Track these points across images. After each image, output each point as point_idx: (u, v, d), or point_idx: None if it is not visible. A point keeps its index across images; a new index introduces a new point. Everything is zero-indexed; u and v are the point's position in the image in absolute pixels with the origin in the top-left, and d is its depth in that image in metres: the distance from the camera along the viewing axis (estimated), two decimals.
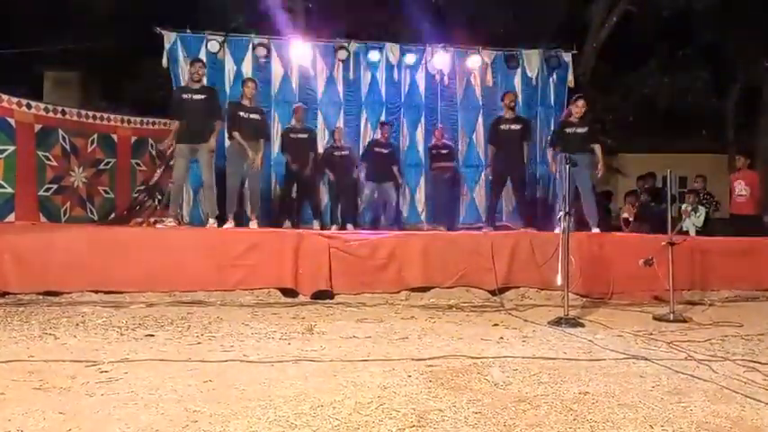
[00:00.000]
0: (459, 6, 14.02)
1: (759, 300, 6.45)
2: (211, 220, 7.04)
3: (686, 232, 8.84)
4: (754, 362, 3.53)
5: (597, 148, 7.47)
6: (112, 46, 13.43)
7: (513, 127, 8.21)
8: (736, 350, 3.91)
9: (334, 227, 8.55)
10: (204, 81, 7.37)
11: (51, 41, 13.30)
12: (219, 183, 7.30)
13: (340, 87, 10.12)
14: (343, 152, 9.16)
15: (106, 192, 9.54)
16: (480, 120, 10.48)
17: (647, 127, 16.93)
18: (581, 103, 7.56)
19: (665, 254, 5.28)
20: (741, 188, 9.53)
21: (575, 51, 10.59)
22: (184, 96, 7.06)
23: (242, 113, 7.43)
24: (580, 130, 7.49)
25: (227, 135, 7.67)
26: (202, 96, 7.03)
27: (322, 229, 8.13)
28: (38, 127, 8.63)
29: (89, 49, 13.47)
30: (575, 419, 2.46)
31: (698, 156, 16.60)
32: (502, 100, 8.57)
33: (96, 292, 5.57)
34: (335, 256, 6.03)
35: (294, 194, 8.89)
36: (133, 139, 9.83)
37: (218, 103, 7.30)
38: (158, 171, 9.79)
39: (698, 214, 9.66)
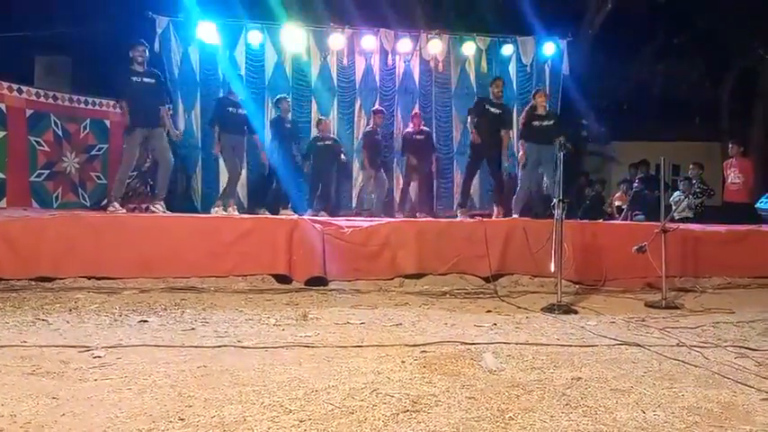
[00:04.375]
0: None
1: (750, 287, 6.48)
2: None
3: (679, 221, 8.88)
4: (745, 348, 3.55)
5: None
6: (104, 31, 13.28)
7: (495, 111, 8.20)
8: (728, 336, 3.94)
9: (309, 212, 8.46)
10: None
11: (41, 26, 13.14)
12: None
13: (333, 74, 10.07)
14: (326, 142, 9.07)
15: (98, 177, 9.50)
16: None
17: (641, 115, 16.92)
18: (544, 95, 7.85)
19: (658, 241, 5.30)
20: (735, 176, 9.55)
21: (570, 38, 10.56)
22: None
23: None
24: (546, 123, 7.67)
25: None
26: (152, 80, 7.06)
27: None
28: (29, 112, 8.58)
29: (80, 33, 13.31)
30: (567, 404, 2.48)
31: (692, 144, 16.62)
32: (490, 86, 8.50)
33: (89, 278, 5.54)
34: (330, 242, 6.03)
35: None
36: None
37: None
38: (151, 157, 9.73)
39: (689, 202, 9.70)
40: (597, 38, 14.71)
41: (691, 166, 10.62)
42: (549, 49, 10.32)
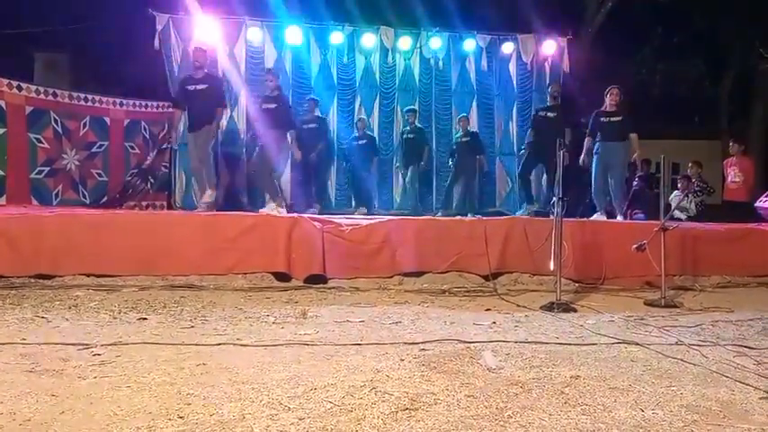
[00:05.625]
0: None
1: (749, 286, 6.49)
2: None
3: (678, 219, 8.87)
4: (744, 347, 3.55)
5: (634, 136, 7.53)
6: (104, 28, 13.27)
7: (550, 114, 8.42)
8: (727, 335, 3.94)
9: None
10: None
11: (41, 23, 13.13)
12: None
13: (333, 71, 10.07)
14: (361, 141, 9.30)
15: (99, 175, 9.48)
16: (474, 105, 10.46)
17: (641, 113, 16.92)
18: (615, 91, 7.69)
19: (658, 239, 5.30)
20: (735, 175, 9.54)
21: (570, 37, 10.56)
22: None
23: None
24: (615, 119, 7.59)
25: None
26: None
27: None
28: (29, 109, 8.55)
29: (80, 30, 13.31)
30: (566, 403, 2.48)
31: (692, 142, 16.61)
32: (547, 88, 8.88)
33: (89, 275, 5.54)
34: (329, 240, 6.03)
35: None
36: (126, 121, 9.76)
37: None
38: (151, 154, 9.74)
39: (689, 201, 9.69)
40: (597, 36, 14.71)
41: (689, 165, 10.62)
42: (550, 47, 10.33)
